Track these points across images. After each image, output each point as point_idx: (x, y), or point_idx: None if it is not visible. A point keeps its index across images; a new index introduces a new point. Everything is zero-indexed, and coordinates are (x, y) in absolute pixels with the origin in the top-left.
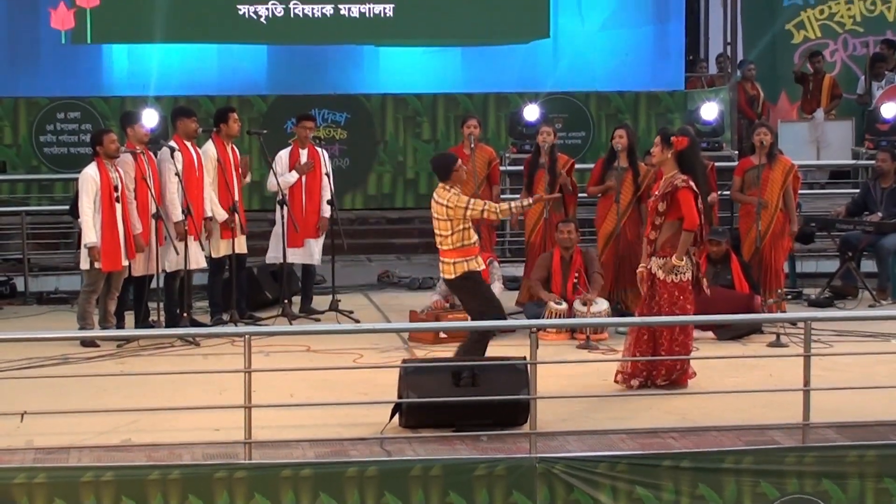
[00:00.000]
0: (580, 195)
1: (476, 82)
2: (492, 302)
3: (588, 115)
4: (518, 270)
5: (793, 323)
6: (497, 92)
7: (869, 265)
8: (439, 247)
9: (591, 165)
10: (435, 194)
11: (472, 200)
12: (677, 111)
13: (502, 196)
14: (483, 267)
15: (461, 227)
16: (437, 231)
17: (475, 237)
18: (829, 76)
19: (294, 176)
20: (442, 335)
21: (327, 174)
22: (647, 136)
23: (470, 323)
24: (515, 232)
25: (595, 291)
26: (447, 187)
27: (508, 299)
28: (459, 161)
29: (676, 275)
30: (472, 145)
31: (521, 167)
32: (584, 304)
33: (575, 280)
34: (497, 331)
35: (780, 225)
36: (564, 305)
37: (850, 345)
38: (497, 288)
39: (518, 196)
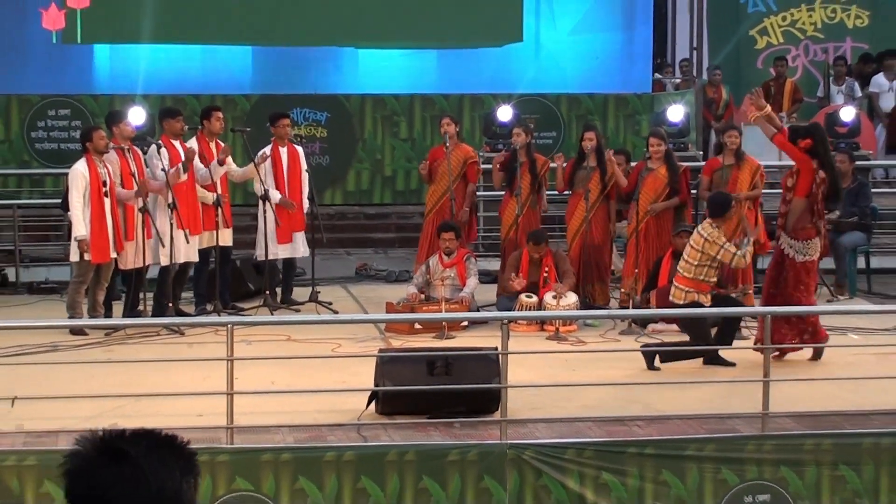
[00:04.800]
0: (551, 192)
1: (451, 84)
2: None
3: (559, 116)
4: (493, 265)
5: (753, 317)
6: (472, 93)
7: (828, 262)
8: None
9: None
10: (701, 228)
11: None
12: (644, 113)
13: (479, 193)
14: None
15: (707, 262)
16: (686, 257)
17: (714, 279)
18: (790, 80)
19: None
20: (417, 326)
21: (306, 171)
22: (615, 137)
23: (442, 315)
24: (490, 228)
25: (565, 285)
26: (714, 225)
27: (483, 293)
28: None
29: (806, 255)
30: (447, 143)
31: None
32: (554, 297)
33: (545, 275)
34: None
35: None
36: (535, 298)
37: None
38: (472, 282)
39: (492, 193)
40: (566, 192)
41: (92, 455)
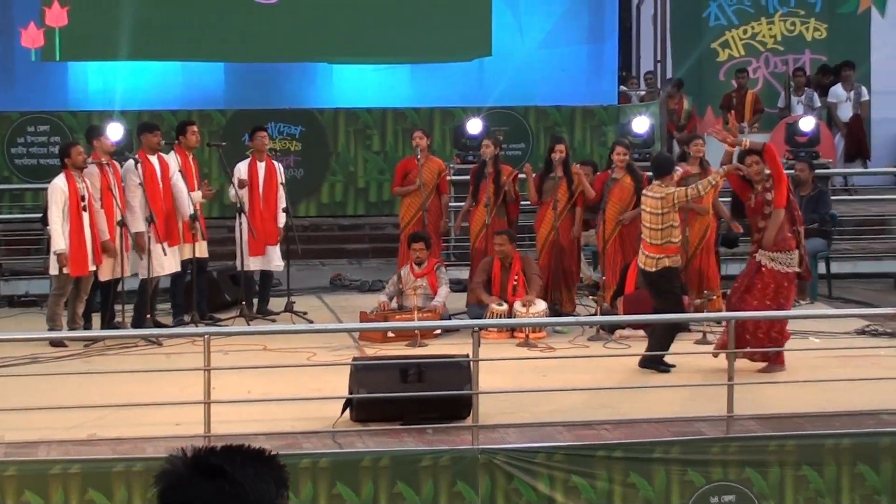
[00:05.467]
0: (523, 203)
1: (423, 97)
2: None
3: (527, 128)
4: (463, 274)
5: (718, 322)
6: (442, 106)
7: None
8: (647, 241)
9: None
10: (647, 189)
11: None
12: (611, 124)
13: (449, 204)
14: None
15: (669, 223)
16: (648, 225)
17: (679, 237)
18: (751, 92)
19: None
20: (390, 334)
21: (282, 184)
22: (582, 148)
23: (414, 323)
24: (461, 237)
25: (534, 293)
26: (663, 184)
27: (454, 301)
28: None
29: (790, 266)
30: (420, 157)
31: (467, 177)
32: (524, 305)
33: (514, 283)
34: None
35: (705, 228)
36: (505, 306)
37: None
38: (444, 291)
39: (462, 203)
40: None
41: (186, 473)
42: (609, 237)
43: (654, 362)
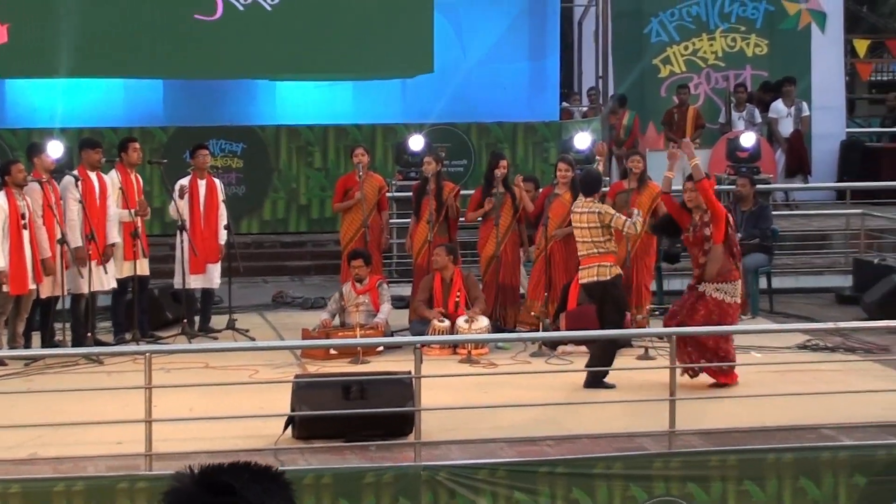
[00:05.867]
0: (460, 220)
1: (364, 114)
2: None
3: (469, 145)
4: (406, 291)
5: (660, 337)
6: (384, 123)
7: None
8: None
9: (473, 192)
10: (578, 206)
11: (617, 214)
12: (553, 140)
13: (390, 221)
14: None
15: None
16: (589, 239)
17: (615, 248)
18: (693, 107)
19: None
20: (332, 351)
21: (223, 201)
22: (524, 164)
23: (356, 340)
24: (403, 254)
25: (476, 309)
26: (592, 200)
27: (397, 318)
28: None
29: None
30: (361, 173)
31: (409, 193)
32: (466, 321)
33: (456, 299)
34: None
35: (644, 245)
36: (447, 323)
37: None
38: (386, 308)
39: (408, 221)
40: (477, 220)
41: (193, 490)
42: (546, 252)
43: (598, 381)
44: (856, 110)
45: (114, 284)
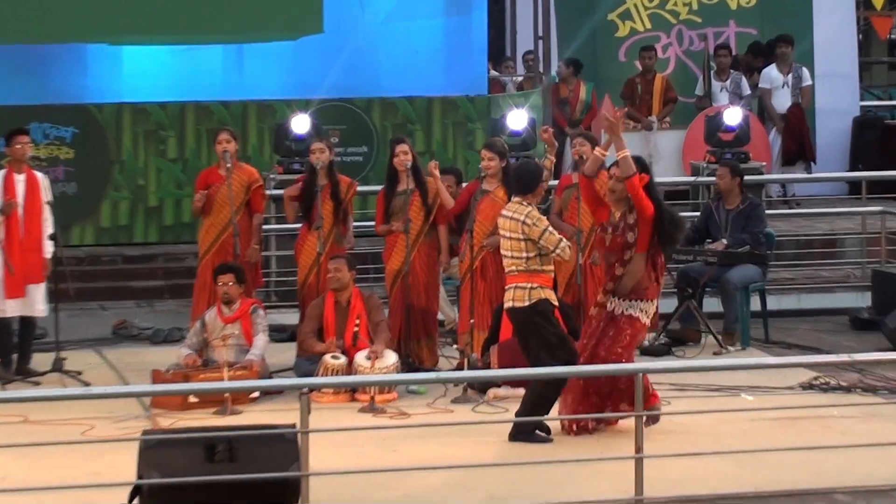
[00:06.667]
0: (363, 224)
1: (233, 88)
2: (564, 343)
3: (371, 126)
4: (288, 318)
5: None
6: (259, 99)
7: (713, 304)
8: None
9: (377, 188)
10: (508, 209)
11: (550, 229)
12: (479, 120)
13: (267, 227)
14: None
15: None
16: (510, 253)
17: (551, 266)
18: (660, 76)
19: None
20: (192, 399)
21: (49, 203)
22: (442, 151)
23: (223, 384)
24: (285, 270)
25: (381, 343)
26: (525, 202)
27: (276, 354)
28: (546, 173)
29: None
30: (229, 164)
31: (282, 191)
32: (368, 357)
33: (355, 329)
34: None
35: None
36: (343, 360)
37: (692, 401)
38: (261, 341)
39: (291, 227)
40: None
41: None
42: (473, 265)
43: (526, 432)
44: (872, 78)
45: None
